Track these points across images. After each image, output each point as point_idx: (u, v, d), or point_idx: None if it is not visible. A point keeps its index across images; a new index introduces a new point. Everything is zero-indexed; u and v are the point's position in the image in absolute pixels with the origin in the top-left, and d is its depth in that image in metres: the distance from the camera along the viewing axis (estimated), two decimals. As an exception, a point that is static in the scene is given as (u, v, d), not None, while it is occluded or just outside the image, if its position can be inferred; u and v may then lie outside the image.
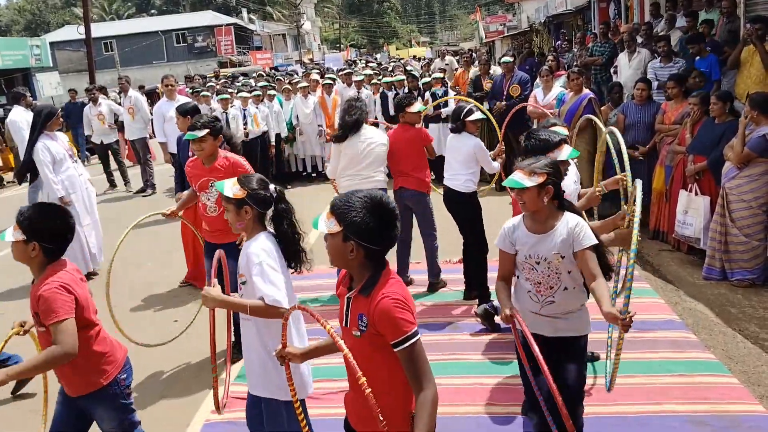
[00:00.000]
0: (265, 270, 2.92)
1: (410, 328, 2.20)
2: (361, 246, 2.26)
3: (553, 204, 3.09)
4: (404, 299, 2.25)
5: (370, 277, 2.32)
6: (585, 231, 3.02)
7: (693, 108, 6.51)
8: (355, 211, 2.25)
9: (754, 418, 3.70)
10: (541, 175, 2.97)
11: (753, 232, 5.68)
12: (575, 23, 21.95)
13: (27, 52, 26.21)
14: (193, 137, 4.52)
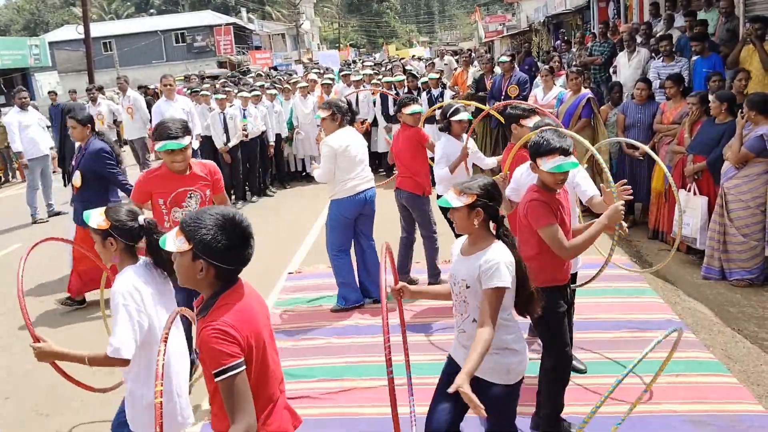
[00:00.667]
0: (119, 316, 2.69)
1: (228, 361, 2.10)
2: (211, 265, 2.20)
3: (487, 229, 2.86)
4: (226, 330, 2.13)
5: (209, 299, 2.25)
6: (496, 271, 2.70)
7: (692, 108, 6.52)
8: (205, 228, 2.17)
9: (754, 418, 3.70)
10: (470, 195, 2.76)
11: (751, 232, 5.69)
12: (574, 23, 21.95)
13: (26, 52, 26.21)
14: (178, 146, 3.93)
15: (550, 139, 3.29)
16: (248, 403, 2.14)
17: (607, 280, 5.81)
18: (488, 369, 2.82)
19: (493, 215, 2.84)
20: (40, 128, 10.38)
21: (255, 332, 2.23)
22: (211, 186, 4.20)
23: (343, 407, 4.13)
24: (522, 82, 9.90)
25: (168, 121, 4.02)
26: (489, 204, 2.80)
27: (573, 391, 4.07)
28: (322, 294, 6.07)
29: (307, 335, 5.19)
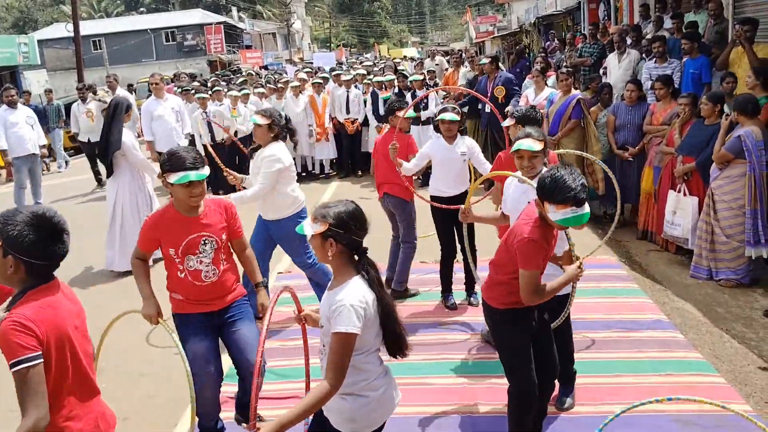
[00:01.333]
0: None
1: (21, 353, 2.11)
2: (20, 261, 2.23)
3: (346, 262, 2.58)
4: (24, 323, 2.14)
5: (18, 294, 2.28)
6: (339, 315, 2.43)
7: (682, 108, 6.55)
8: (12, 225, 2.20)
9: (741, 417, 3.71)
10: (323, 223, 2.51)
11: (734, 233, 5.75)
12: (565, 24, 22.03)
13: (15, 50, 25.98)
14: (199, 177, 3.31)
15: (565, 184, 2.92)
16: (40, 397, 2.14)
17: (596, 280, 5.85)
18: (334, 413, 2.60)
19: (351, 246, 2.57)
20: (28, 126, 10.28)
21: (58, 330, 2.25)
22: (227, 229, 3.57)
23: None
24: (507, 81, 9.79)
25: (180, 150, 3.39)
26: (342, 234, 2.53)
27: (562, 391, 4.08)
28: (312, 294, 6.05)
29: (296, 335, 5.17)
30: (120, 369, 4.96)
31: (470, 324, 5.19)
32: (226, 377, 4.49)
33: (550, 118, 8.05)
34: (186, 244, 3.41)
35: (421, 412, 3.98)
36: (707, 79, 7.55)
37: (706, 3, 8.75)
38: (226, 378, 4.46)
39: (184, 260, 3.44)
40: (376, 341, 2.60)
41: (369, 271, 2.59)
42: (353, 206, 2.62)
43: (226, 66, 38.31)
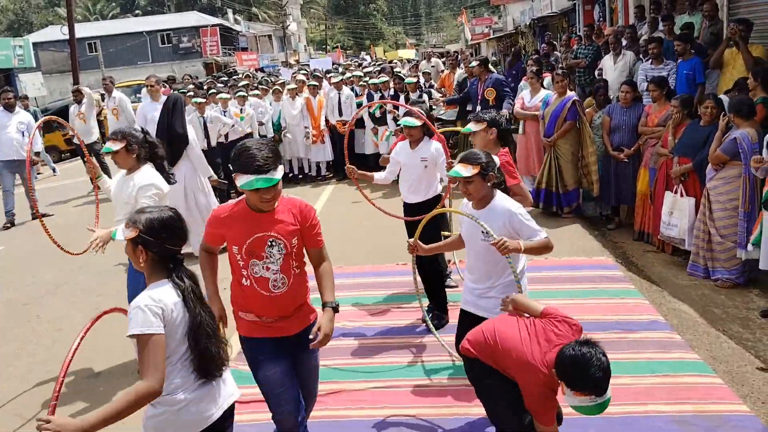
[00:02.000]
0: None
1: None
2: None
3: (160, 269, 2.58)
4: None
5: None
6: (133, 317, 2.41)
7: (674, 110, 6.57)
8: None
9: (739, 418, 3.73)
10: (133, 230, 2.55)
11: (728, 234, 5.77)
12: (560, 26, 22.09)
13: (10, 53, 25.94)
14: (268, 183, 2.81)
15: (588, 372, 2.65)
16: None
17: (593, 281, 5.86)
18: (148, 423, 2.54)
19: (162, 254, 2.55)
20: (18, 132, 10.23)
21: None
22: (300, 233, 3.05)
23: (330, 410, 4.12)
24: (498, 83, 9.66)
25: (253, 146, 2.85)
26: (152, 242, 2.51)
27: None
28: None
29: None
30: (115, 373, 4.95)
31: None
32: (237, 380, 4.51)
33: (545, 120, 8.08)
34: (250, 243, 2.97)
35: (420, 415, 3.98)
36: (701, 80, 7.58)
37: (701, 4, 8.77)
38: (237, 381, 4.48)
39: (249, 264, 3.00)
40: (178, 350, 2.52)
41: (184, 280, 2.56)
42: (169, 214, 2.60)
43: (222, 68, 38.28)
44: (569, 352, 2.75)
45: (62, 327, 6.04)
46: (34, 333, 5.98)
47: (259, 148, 2.82)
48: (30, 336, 5.92)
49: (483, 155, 3.48)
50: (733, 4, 8.88)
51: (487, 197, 3.49)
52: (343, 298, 5.91)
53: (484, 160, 3.42)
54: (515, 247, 3.29)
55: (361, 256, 7.10)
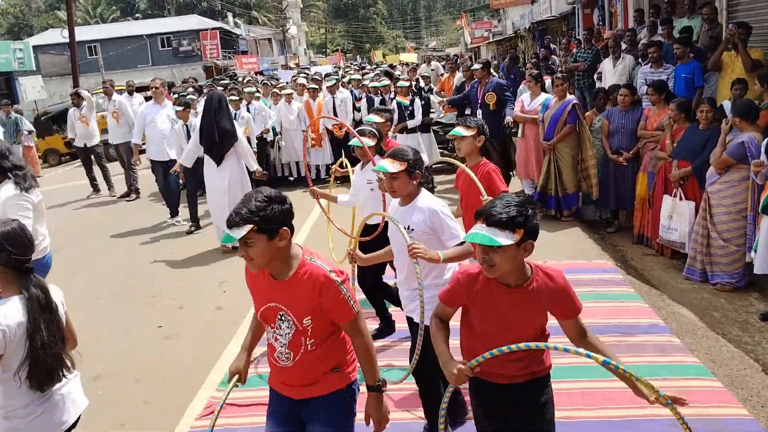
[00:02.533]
0: None
1: None
2: None
3: (8, 282, 2.69)
4: None
5: None
6: None
7: (670, 114, 6.57)
8: None
9: (738, 421, 3.73)
10: None
11: (732, 237, 5.75)
12: (560, 29, 22.12)
13: (10, 56, 25.94)
14: (229, 241, 2.49)
15: (494, 204, 2.39)
16: None
17: (593, 284, 5.85)
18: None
19: (9, 266, 2.63)
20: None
21: None
22: (320, 310, 2.60)
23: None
24: (498, 87, 9.50)
25: (244, 198, 2.57)
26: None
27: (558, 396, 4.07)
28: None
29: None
30: (114, 376, 4.94)
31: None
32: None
33: (545, 123, 8.08)
34: (263, 311, 2.68)
35: (420, 418, 3.97)
36: (699, 83, 7.58)
37: (700, 8, 8.79)
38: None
39: (265, 325, 2.75)
40: (25, 364, 2.57)
41: (32, 291, 2.61)
42: (12, 227, 2.67)
43: (222, 71, 38.31)
44: None
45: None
46: None
47: (245, 201, 2.52)
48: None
49: (411, 153, 3.41)
50: (732, 7, 8.90)
51: (411, 195, 3.44)
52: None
53: (412, 158, 3.37)
54: (431, 257, 3.13)
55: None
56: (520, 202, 2.36)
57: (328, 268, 2.56)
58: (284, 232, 2.53)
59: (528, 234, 2.33)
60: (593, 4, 17.15)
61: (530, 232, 2.34)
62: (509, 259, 2.35)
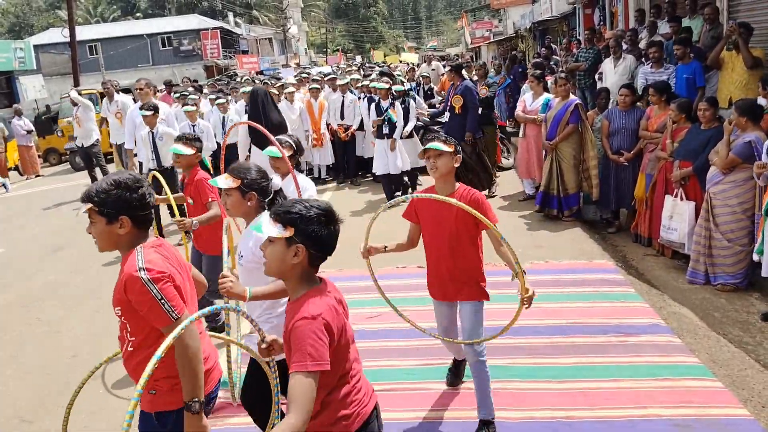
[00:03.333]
0: None
1: None
2: None
3: None
4: None
5: None
6: None
7: (671, 115, 6.56)
8: None
9: (739, 422, 3.72)
10: None
11: (736, 237, 5.73)
12: (560, 29, 22.13)
13: (10, 55, 25.98)
14: None
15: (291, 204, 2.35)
16: None
17: (593, 284, 5.85)
18: None
19: None
20: None
21: None
22: (124, 306, 2.53)
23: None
24: (466, 91, 9.28)
25: None
26: None
27: (559, 396, 4.08)
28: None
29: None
30: (110, 377, 4.94)
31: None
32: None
33: (547, 123, 8.08)
34: None
35: (420, 418, 3.97)
36: (701, 83, 7.59)
37: (702, 8, 8.79)
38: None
39: None
40: None
41: None
42: None
43: (223, 71, 38.31)
44: None
45: (60, 330, 6.04)
46: (33, 336, 5.98)
47: (103, 178, 2.66)
48: (28, 339, 5.91)
49: (254, 172, 3.21)
50: (733, 8, 8.90)
51: (248, 215, 3.23)
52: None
53: (249, 177, 3.18)
54: (237, 293, 2.81)
55: (360, 260, 7.07)
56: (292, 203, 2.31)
57: (141, 264, 2.45)
58: (124, 220, 2.51)
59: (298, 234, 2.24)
60: (594, 4, 17.16)
61: (301, 233, 2.24)
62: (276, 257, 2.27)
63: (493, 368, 4.48)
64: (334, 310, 2.23)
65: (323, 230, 2.24)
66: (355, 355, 2.38)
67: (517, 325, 5.11)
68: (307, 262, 2.25)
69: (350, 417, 2.30)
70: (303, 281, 2.29)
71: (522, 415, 3.90)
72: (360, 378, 2.39)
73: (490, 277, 3.90)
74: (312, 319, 2.13)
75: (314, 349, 2.08)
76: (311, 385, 2.06)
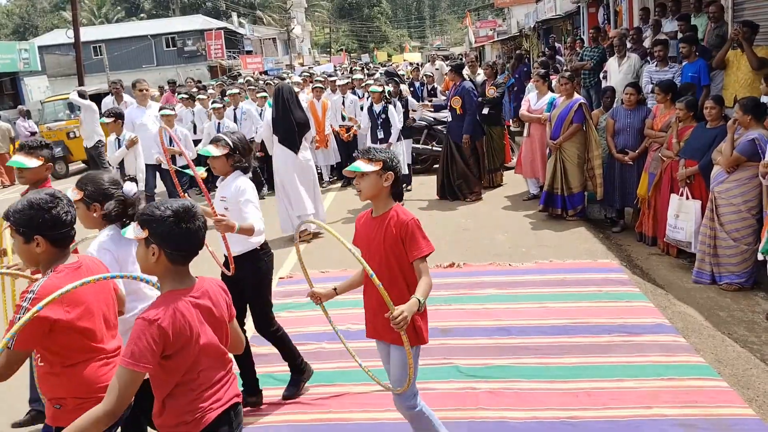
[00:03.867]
0: None
1: None
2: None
3: None
4: None
5: None
6: None
7: (678, 113, 6.54)
8: None
9: (744, 421, 3.71)
10: None
11: (741, 236, 5.71)
12: (564, 28, 22.08)
13: (15, 56, 26.06)
14: None
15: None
16: None
17: (597, 284, 5.84)
18: None
19: None
20: None
21: None
22: None
23: (334, 412, 4.12)
24: (464, 92, 9.31)
25: None
26: None
27: (564, 395, 4.07)
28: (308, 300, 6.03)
29: (298, 340, 5.16)
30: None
31: (472, 329, 5.17)
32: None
33: (552, 122, 8.07)
34: None
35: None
36: (705, 82, 7.56)
37: (706, 6, 8.76)
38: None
39: None
40: None
41: None
42: None
43: (227, 71, 38.37)
44: None
45: None
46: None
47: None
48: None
49: (101, 183, 3.15)
50: (738, 6, 8.87)
51: (100, 226, 3.22)
52: (348, 301, 5.90)
53: (89, 189, 3.13)
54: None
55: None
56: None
57: (34, 287, 2.48)
58: (38, 239, 2.57)
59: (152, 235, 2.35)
60: (598, 2, 17.11)
61: (154, 233, 2.34)
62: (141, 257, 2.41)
63: (497, 368, 4.49)
64: (181, 317, 2.29)
65: (175, 229, 2.32)
66: (211, 364, 2.43)
67: (521, 325, 5.14)
68: (168, 261, 2.36)
69: (191, 423, 2.38)
70: (168, 280, 2.40)
71: (526, 415, 3.89)
72: (212, 387, 2.44)
73: (493, 277, 3.88)
74: (148, 323, 2.22)
75: (138, 349, 2.20)
76: (127, 380, 2.20)
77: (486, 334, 5.04)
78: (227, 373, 2.51)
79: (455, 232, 7.92)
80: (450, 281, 6.12)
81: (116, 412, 2.20)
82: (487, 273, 6.33)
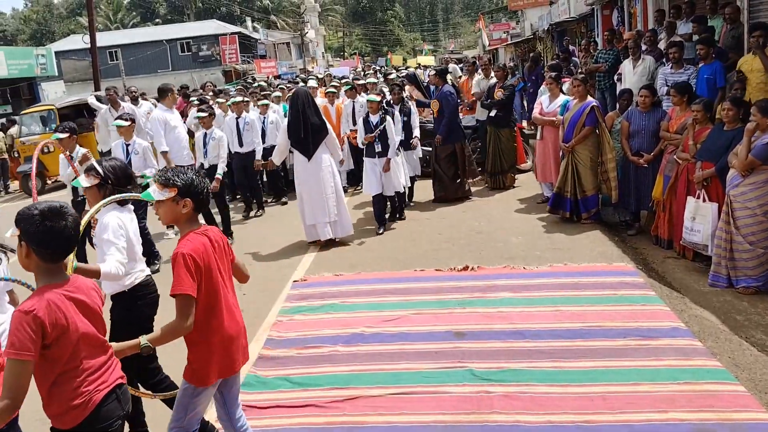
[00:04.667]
0: None
1: None
2: None
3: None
4: None
5: None
6: None
7: (695, 115, 6.49)
8: None
9: (761, 426, 3.68)
10: None
11: (757, 240, 5.66)
12: (578, 31, 22.00)
13: (32, 62, 26.38)
14: None
15: None
16: None
17: (613, 287, 5.81)
18: None
19: None
20: None
21: None
22: None
23: (348, 415, 4.12)
24: (443, 96, 9.32)
25: None
26: None
27: (578, 399, 4.05)
28: (328, 302, 6.07)
29: (313, 343, 5.19)
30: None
31: (486, 332, 5.16)
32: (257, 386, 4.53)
33: (564, 125, 8.04)
34: None
35: (438, 421, 3.97)
36: (721, 84, 7.51)
37: (722, 8, 8.70)
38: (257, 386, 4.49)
39: None
40: None
41: None
42: None
43: (241, 76, 38.56)
44: None
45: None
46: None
47: None
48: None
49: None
50: (754, 7, 8.80)
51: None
52: (361, 304, 5.93)
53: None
54: None
55: (379, 264, 7.11)
56: None
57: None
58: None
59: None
60: (612, 5, 17.05)
61: (23, 233, 2.50)
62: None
63: (511, 372, 4.48)
64: (56, 307, 2.43)
65: (40, 228, 2.45)
66: (92, 351, 2.59)
67: (536, 328, 5.13)
68: (39, 259, 2.50)
69: (79, 406, 2.53)
70: (41, 276, 2.54)
71: (541, 419, 3.88)
72: (96, 371, 2.60)
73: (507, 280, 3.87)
74: (24, 313, 2.36)
75: (17, 339, 2.33)
76: (17, 370, 2.33)
77: (500, 338, 5.03)
78: (109, 358, 2.68)
79: (469, 235, 7.91)
80: (464, 284, 6.12)
81: (16, 404, 2.35)
82: (502, 276, 6.32)
